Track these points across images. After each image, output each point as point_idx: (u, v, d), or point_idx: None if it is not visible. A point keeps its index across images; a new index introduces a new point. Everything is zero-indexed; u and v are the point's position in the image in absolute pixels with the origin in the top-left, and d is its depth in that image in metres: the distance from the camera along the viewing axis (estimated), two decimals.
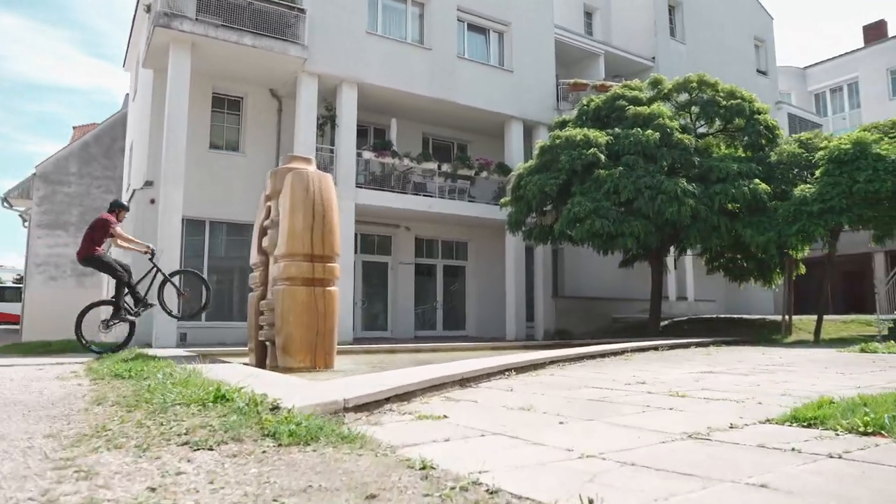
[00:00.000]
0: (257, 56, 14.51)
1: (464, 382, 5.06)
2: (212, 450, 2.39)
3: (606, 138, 14.26)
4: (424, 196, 16.93)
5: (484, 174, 17.89)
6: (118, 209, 8.56)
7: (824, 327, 14.37)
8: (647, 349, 9.60)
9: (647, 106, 15.28)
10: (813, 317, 15.69)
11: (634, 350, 9.22)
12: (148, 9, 14.91)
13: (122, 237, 8.41)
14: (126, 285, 8.22)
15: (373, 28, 16.39)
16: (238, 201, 14.92)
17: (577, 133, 14.26)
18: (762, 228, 13.46)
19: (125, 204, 8.90)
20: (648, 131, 14.17)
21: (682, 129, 15.13)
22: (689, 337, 12.81)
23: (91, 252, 8.04)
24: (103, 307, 9.03)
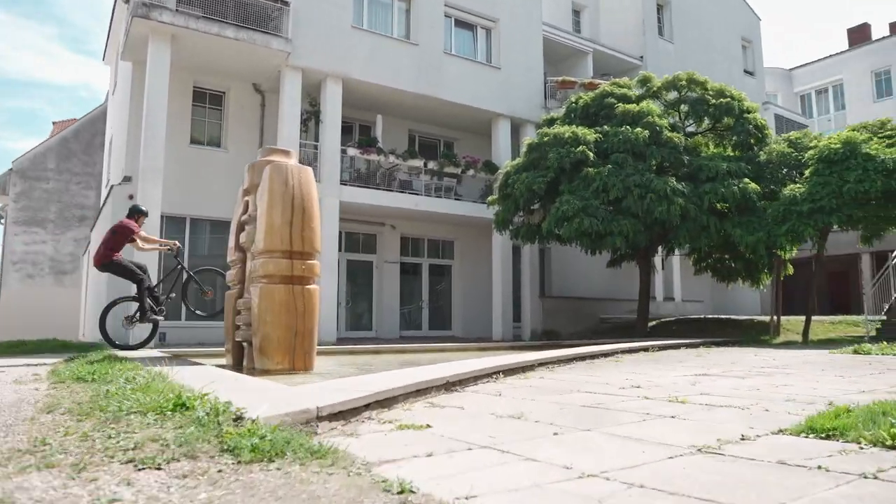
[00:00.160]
0: (239, 49, 14.17)
1: (449, 386, 4.79)
2: (159, 469, 2.08)
3: (595, 136, 14.06)
4: (410, 194, 16.64)
5: (471, 172, 17.64)
6: (137, 215, 8.57)
7: (812, 328, 14.29)
8: (638, 350, 9.43)
9: (636, 104, 15.10)
10: (800, 317, 15.61)
11: (625, 351, 9.03)
12: None
13: (147, 240, 8.59)
14: (147, 287, 8.36)
15: (358, 22, 16.08)
16: (220, 198, 14.53)
17: (565, 130, 14.04)
18: (751, 228, 13.32)
19: (144, 209, 8.88)
20: (637, 129, 13.98)
21: (671, 128, 14.96)
22: (677, 338, 12.67)
23: (109, 258, 8.13)
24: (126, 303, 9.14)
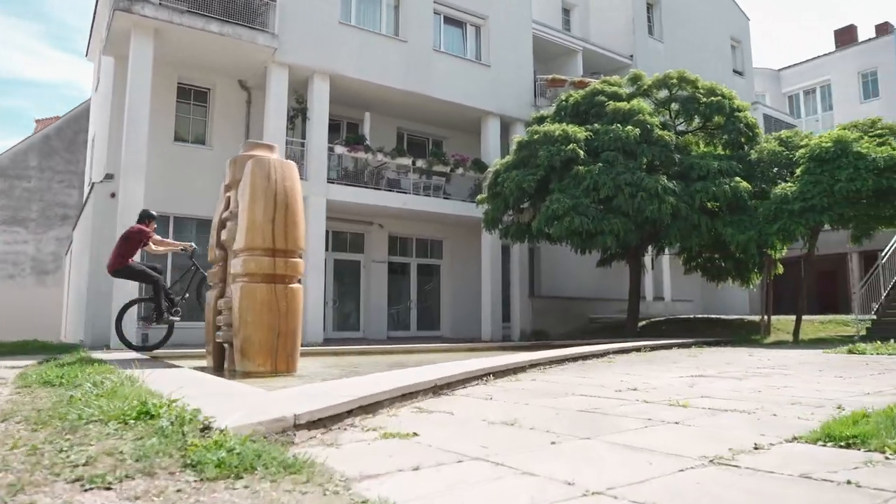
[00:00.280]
0: (225, 44, 13.87)
1: (437, 390, 4.56)
2: (109, 489, 1.83)
3: (586, 134, 13.90)
4: (398, 193, 16.40)
5: (460, 171, 17.42)
6: (148, 219, 8.62)
7: (802, 327, 14.22)
8: (630, 350, 9.27)
9: (626, 102, 14.94)
10: (790, 317, 15.54)
11: (617, 352, 8.86)
12: None
13: (160, 243, 8.71)
14: (162, 288, 8.39)
15: (346, 18, 15.82)
16: (205, 197, 14.17)
17: (555, 128, 13.86)
18: (743, 227, 13.21)
19: (154, 214, 8.89)
20: (628, 127, 13.83)
21: (662, 126, 14.82)
22: (668, 337, 12.56)
23: (121, 264, 8.17)
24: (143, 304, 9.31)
